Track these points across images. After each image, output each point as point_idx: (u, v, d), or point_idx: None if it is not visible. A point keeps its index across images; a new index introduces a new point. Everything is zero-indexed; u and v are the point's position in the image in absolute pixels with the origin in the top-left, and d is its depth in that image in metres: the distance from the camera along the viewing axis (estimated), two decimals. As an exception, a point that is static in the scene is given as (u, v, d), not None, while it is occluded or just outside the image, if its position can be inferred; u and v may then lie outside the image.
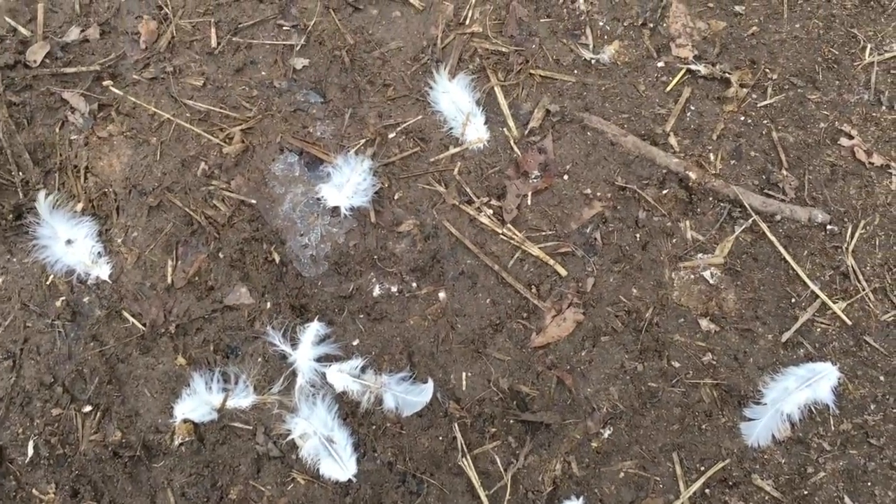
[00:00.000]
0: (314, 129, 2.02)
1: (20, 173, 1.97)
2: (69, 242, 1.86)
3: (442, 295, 1.87)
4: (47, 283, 1.90)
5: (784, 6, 2.12)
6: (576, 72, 2.08)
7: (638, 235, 1.90)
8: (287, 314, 1.85)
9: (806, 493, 1.71)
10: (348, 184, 1.92)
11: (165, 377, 1.82)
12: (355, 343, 1.84)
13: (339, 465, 1.69)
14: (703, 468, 1.74)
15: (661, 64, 2.09)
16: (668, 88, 2.06)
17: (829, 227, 1.90)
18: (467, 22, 2.14)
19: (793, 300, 1.84)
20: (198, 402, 1.74)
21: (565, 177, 1.97)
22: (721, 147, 1.99)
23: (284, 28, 2.13)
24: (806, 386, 1.73)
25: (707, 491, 1.73)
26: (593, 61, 2.09)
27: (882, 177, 1.96)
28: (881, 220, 1.91)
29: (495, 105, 2.03)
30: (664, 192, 1.94)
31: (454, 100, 2.02)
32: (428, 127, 2.03)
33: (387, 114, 2.05)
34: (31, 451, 1.77)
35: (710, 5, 2.14)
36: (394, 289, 1.88)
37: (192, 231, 1.93)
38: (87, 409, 1.80)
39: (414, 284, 1.88)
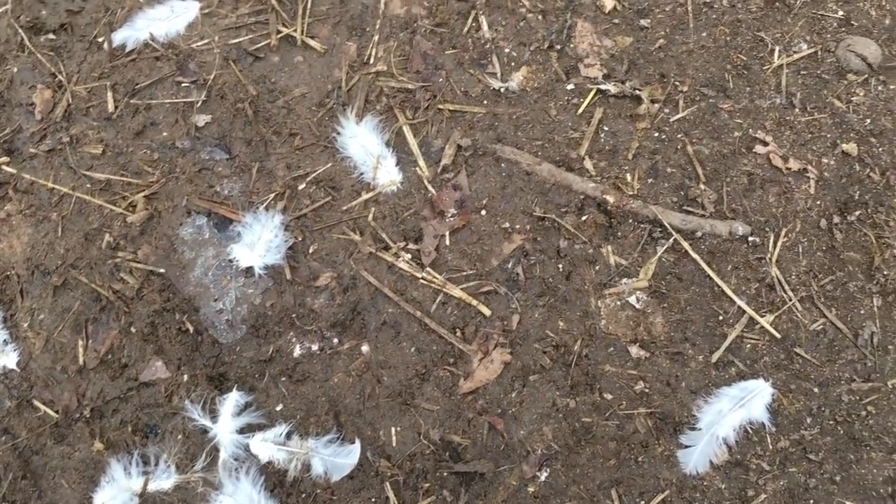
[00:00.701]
0: (221, 188, 1.96)
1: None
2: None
3: (365, 348, 1.82)
4: (-47, 377, 1.82)
5: (689, 15, 2.09)
6: (485, 102, 2.04)
7: (560, 266, 1.85)
8: (205, 385, 1.78)
9: (749, 516, 1.68)
10: (260, 242, 1.86)
11: (83, 465, 1.75)
12: (279, 408, 1.78)
13: (271, 539, 1.64)
14: (642, 502, 1.69)
15: (570, 86, 2.05)
16: (580, 111, 2.02)
17: (750, 238, 1.87)
18: (371, 61, 2.09)
19: (721, 318, 1.81)
20: (117, 490, 1.67)
21: (482, 212, 1.92)
22: (637, 166, 1.95)
23: (184, 85, 2.06)
24: (739, 406, 1.70)
25: (650, 524, 1.69)
26: (502, 90, 2.04)
27: (800, 181, 1.93)
28: (802, 226, 1.88)
29: (406, 145, 1.98)
30: (583, 218, 1.90)
31: (363, 143, 1.97)
32: (338, 174, 1.97)
33: (295, 164, 1.99)
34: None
35: (615, 21, 2.11)
36: (315, 347, 1.82)
37: (100, 307, 1.86)
38: (4, 506, 1.73)
39: (335, 340, 1.82)
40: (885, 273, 1.80)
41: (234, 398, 1.73)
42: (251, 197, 1.94)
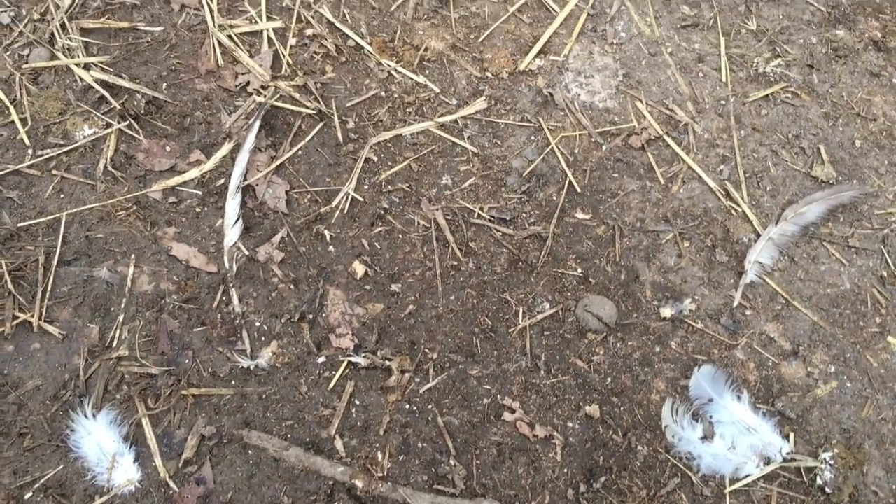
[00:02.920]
0: (-68, 508, 1.78)
1: None
2: None
3: None
4: None
5: (438, 279, 2.13)
6: (234, 382, 1.98)
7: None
8: None
9: None
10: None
11: None
12: None
13: None
14: None
15: (322, 359, 2.02)
16: (332, 385, 1.99)
17: (499, 518, 1.83)
18: (114, 344, 2.01)
19: None
20: None
21: (226, 508, 1.82)
22: (388, 442, 1.92)
23: None
24: None
25: None
26: (252, 367, 1.99)
27: (547, 449, 1.93)
28: (551, 498, 1.87)
29: (146, 438, 1.87)
30: (332, 507, 1.82)
31: (98, 441, 1.86)
32: (70, 478, 1.84)
33: (23, 469, 1.85)
34: None
35: (367, 287, 2.12)
36: None
37: None
38: None
39: None
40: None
41: None
42: (-33, 514, 1.77)
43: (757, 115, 2.40)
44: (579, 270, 2.17)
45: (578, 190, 2.27)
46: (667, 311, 2.09)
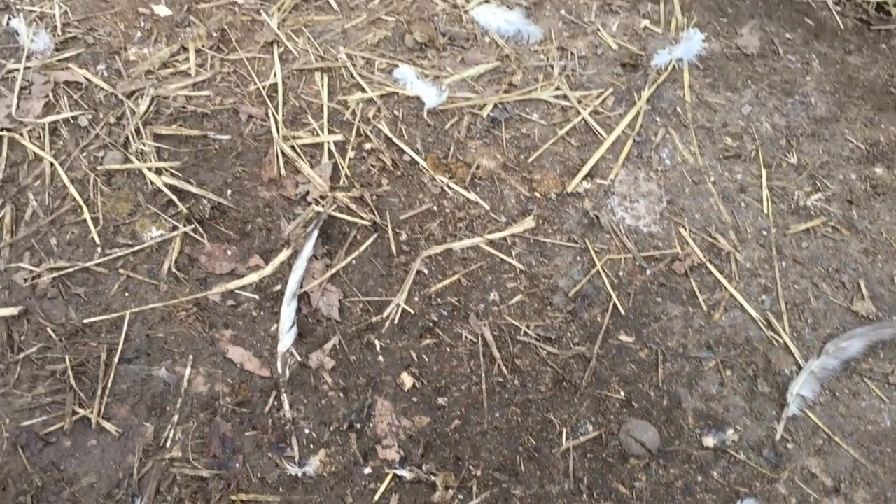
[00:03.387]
0: None
1: None
2: None
3: None
4: None
5: (483, 395, 2.18)
6: (281, 489, 2.02)
7: None
8: None
9: None
10: None
11: None
12: None
13: None
14: None
15: (368, 470, 2.06)
16: (376, 497, 2.02)
17: None
18: (168, 444, 2.06)
19: None
20: None
21: None
22: (430, 560, 1.93)
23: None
24: None
25: None
26: (300, 475, 2.03)
27: (588, 576, 1.94)
28: None
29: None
30: None
31: (148, 543, 1.88)
32: (118, 579, 1.86)
33: (72, 568, 1.87)
34: None
35: (414, 399, 2.17)
36: None
37: None
38: None
39: None
40: None
41: None
42: None
43: (798, 248, 2.47)
44: (622, 393, 2.22)
45: (622, 312, 2.33)
46: (709, 440, 2.12)
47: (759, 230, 2.52)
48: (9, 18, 2.79)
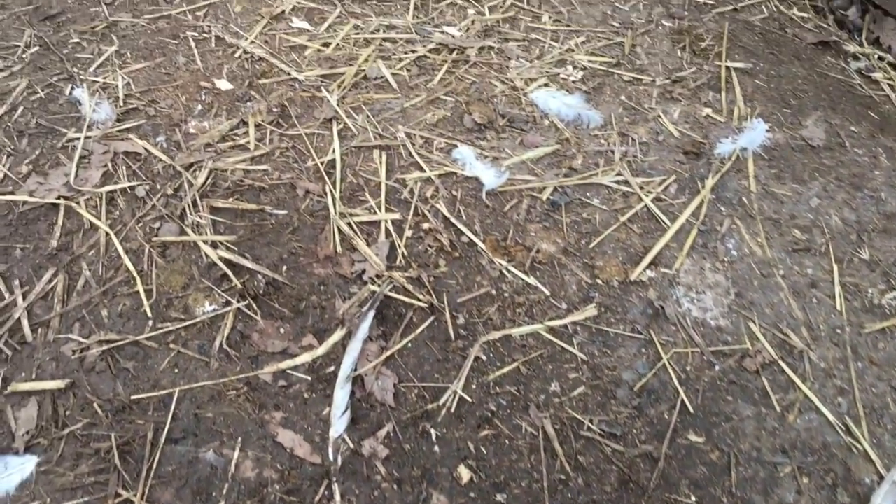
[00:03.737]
0: None
1: None
2: None
3: None
4: None
5: (545, 493, 2.06)
6: (329, 589, 1.87)
7: None
8: None
9: None
10: None
11: None
12: None
13: None
14: None
15: (422, 571, 1.91)
16: None
17: None
18: (212, 533, 1.93)
19: None
20: None
21: None
22: None
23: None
24: None
25: None
26: (349, 573, 1.89)
27: None
28: None
29: None
30: None
31: None
32: None
33: None
34: None
35: (471, 495, 2.10)
36: None
37: None
38: None
39: None
40: None
41: None
42: None
43: (874, 348, 2.36)
44: (693, 498, 2.08)
45: (691, 410, 2.21)
46: (789, 555, 1.97)
47: (833, 328, 2.40)
48: (72, 88, 2.80)
